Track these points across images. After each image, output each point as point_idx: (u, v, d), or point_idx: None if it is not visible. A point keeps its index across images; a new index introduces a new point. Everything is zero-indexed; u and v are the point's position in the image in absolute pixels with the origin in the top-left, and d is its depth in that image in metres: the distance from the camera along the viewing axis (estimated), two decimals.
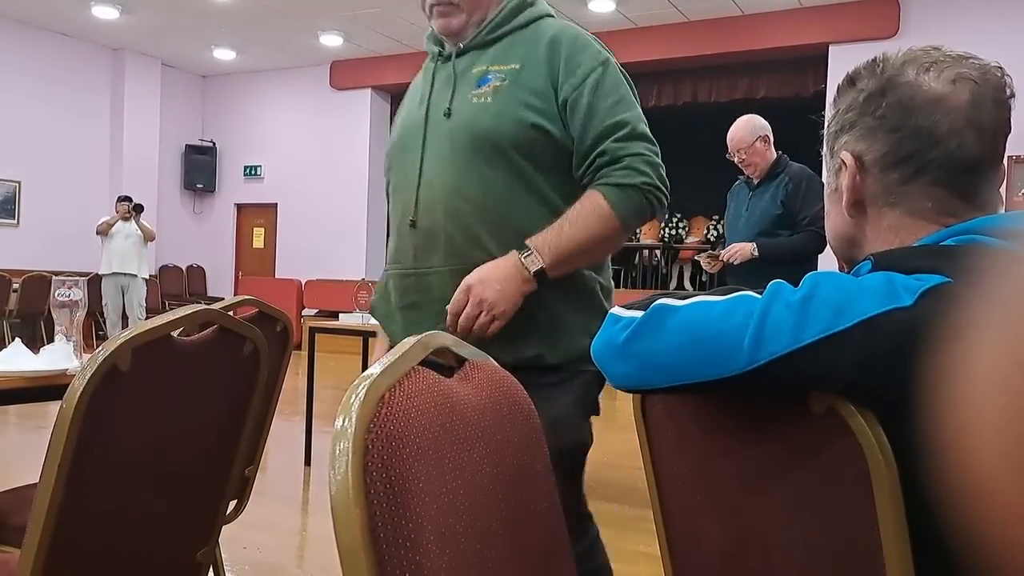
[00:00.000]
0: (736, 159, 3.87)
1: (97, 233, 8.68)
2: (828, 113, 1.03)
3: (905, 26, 8.60)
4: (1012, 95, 0.93)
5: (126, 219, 8.53)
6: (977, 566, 0.31)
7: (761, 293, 0.82)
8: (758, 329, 0.78)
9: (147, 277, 8.79)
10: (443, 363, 0.83)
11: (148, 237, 8.68)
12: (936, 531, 0.58)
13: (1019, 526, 0.26)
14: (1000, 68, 0.93)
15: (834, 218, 1.03)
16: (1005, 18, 8.13)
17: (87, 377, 1.25)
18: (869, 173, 0.95)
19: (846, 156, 0.96)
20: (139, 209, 8.62)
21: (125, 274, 8.52)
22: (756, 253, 3.73)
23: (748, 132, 3.83)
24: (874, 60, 0.97)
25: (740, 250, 3.77)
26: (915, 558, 0.77)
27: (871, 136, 0.94)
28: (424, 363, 0.75)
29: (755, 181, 3.90)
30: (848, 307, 0.77)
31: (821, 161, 1.07)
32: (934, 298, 0.75)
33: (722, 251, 3.91)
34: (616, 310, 0.91)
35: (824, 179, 1.05)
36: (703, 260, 4.05)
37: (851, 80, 0.98)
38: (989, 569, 0.29)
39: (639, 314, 0.87)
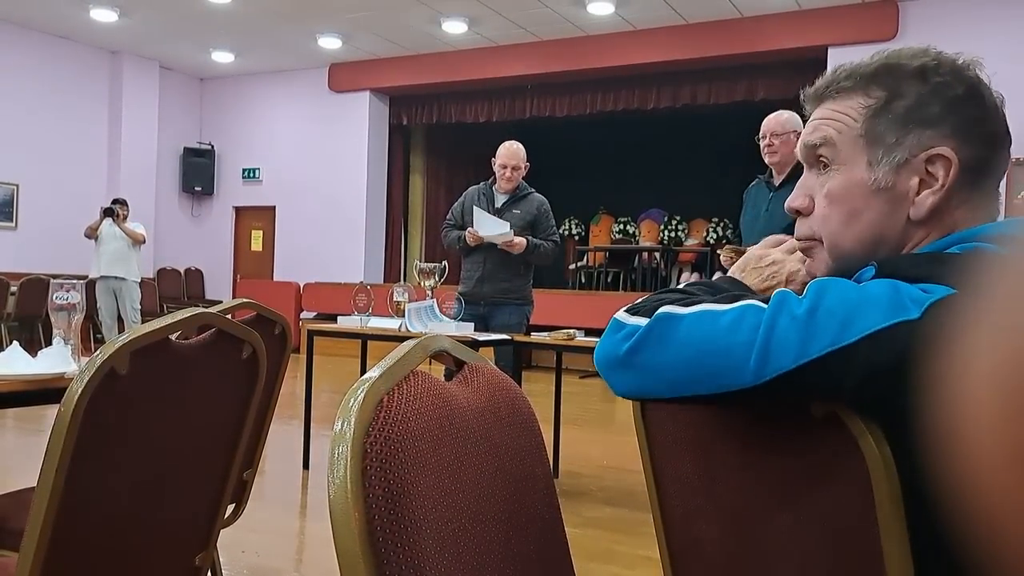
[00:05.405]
0: (764, 143, 3.79)
1: (86, 237, 8.63)
2: (870, 95, 0.92)
3: (904, 28, 8.60)
4: None
5: (114, 222, 8.46)
6: (979, 573, 0.31)
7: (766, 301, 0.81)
8: (764, 344, 0.77)
9: (138, 280, 8.67)
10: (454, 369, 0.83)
11: (134, 240, 8.56)
12: (937, 539, 0.57)
13: (1019, 531, 0.26)
14: None
15: (873, 217, 0.92)
16: (1004, 19, 8.13)
17: (85, 380, 1.24)
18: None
19: (947, 151, 0.88)
20: (110, 212, 8.43)
21: (114, 277, 8.44)
22: None
23: (786, 120, 3.78)
24: (940, 54, 0.90)
25: None
26: (916, 566, 0.77)
27: (963, 134, 0.89)
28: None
29: (776, 182, 3.81)
30: (854, 319, 0.75)
31: None
32: (941, 311, 0.73)
33: (746, 248, 3.82)
34: (620, 315, 0.88)
35: (867, 171, 0.91)
36: (723, 254, 3.92)
37: (921, 73, 0.90)
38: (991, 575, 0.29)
39: (643, 322, 0.85)
